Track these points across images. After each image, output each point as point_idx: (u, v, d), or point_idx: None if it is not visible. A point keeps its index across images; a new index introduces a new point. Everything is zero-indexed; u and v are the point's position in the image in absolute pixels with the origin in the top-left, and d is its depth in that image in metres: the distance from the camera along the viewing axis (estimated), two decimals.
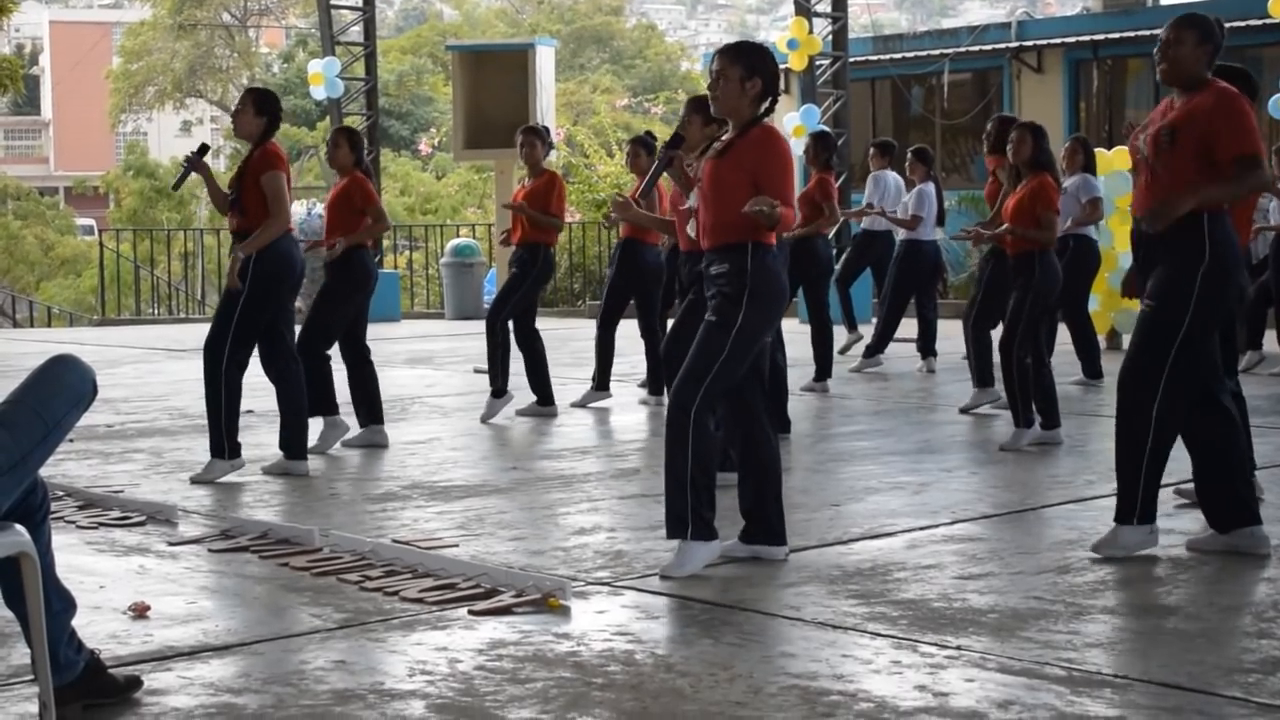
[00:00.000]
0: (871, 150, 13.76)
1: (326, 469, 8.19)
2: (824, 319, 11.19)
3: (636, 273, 10.29)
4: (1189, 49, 5.67)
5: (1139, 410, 5.65)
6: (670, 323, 9.91)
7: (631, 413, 10.25)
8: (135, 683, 4.19)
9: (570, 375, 11.39)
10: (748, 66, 5.58)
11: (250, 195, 7.73)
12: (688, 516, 5.52)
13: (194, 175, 7.99)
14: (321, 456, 8.48)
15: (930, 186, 12.51)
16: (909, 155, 12.92)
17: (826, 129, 13.81)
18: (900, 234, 12.75)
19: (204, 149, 8.03)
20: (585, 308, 20.45)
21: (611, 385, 10.58)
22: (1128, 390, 5.68)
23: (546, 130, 10.32)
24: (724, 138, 5.69)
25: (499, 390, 9.95)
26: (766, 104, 5.64)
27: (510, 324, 9.96)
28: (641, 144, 10.38)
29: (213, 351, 7.73)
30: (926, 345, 12.60)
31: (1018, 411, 8.38)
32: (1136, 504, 5.68)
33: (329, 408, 8.69)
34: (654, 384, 10.39)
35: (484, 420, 9.83)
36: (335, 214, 8.83)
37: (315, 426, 8.42)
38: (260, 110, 7.86)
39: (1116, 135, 22.44)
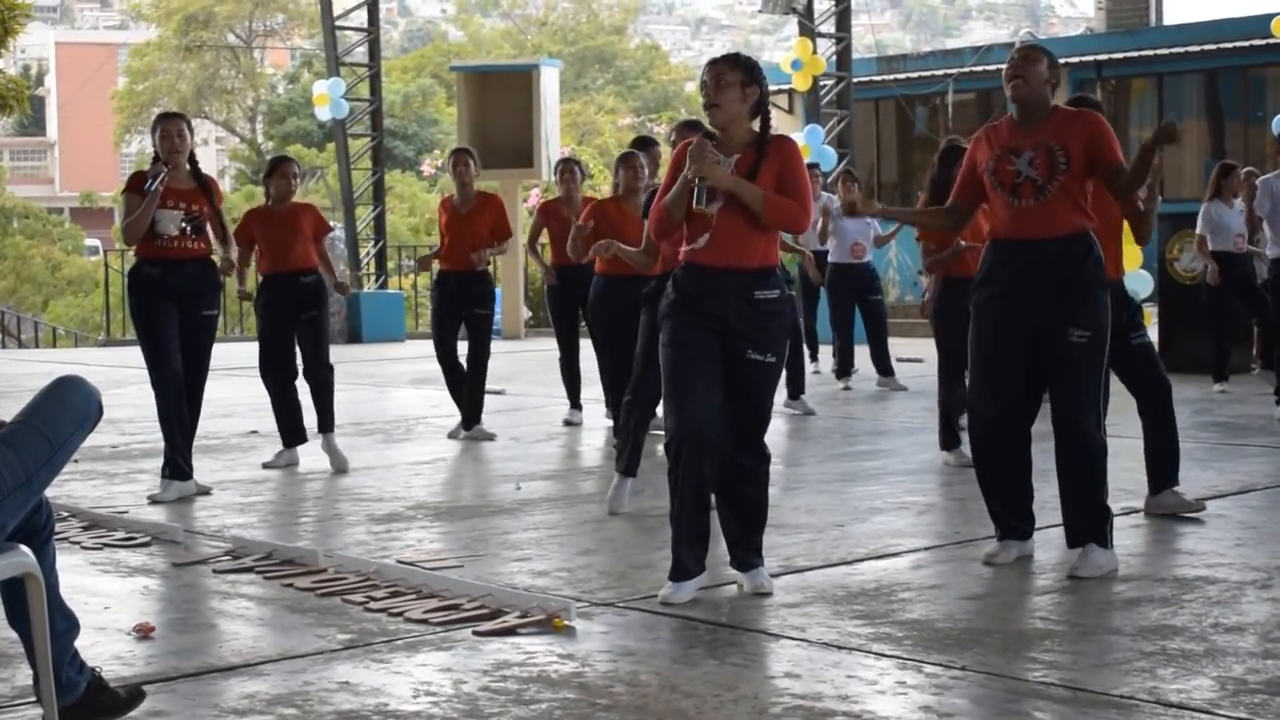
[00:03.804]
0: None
1: (331, 490, 8.20)
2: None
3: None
4: (1043, 70, 5.96)
5: (1092, 437, 5.84)
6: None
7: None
8: (138, 695, 4.19)
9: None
10: (747, 75, 5.54)
11: (214, 221, 7.97)
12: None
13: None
14: (325, 478, 8.51)
15: None
16: (843, 177, 13.27)
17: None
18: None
19: (163, 164, 7.81)
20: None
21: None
22: (1079, 421, 5.83)
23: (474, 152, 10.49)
24: (734, 158, 5.52)
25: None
26: (760, 119, 5.63)
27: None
28: (576, 163, 10.69)
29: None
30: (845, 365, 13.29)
31: (954, 433, 8.65)
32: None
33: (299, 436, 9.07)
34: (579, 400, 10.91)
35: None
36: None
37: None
38: (191, 132, 7.99)
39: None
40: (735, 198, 5.44)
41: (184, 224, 7.78)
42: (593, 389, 10.77)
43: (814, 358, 14.20)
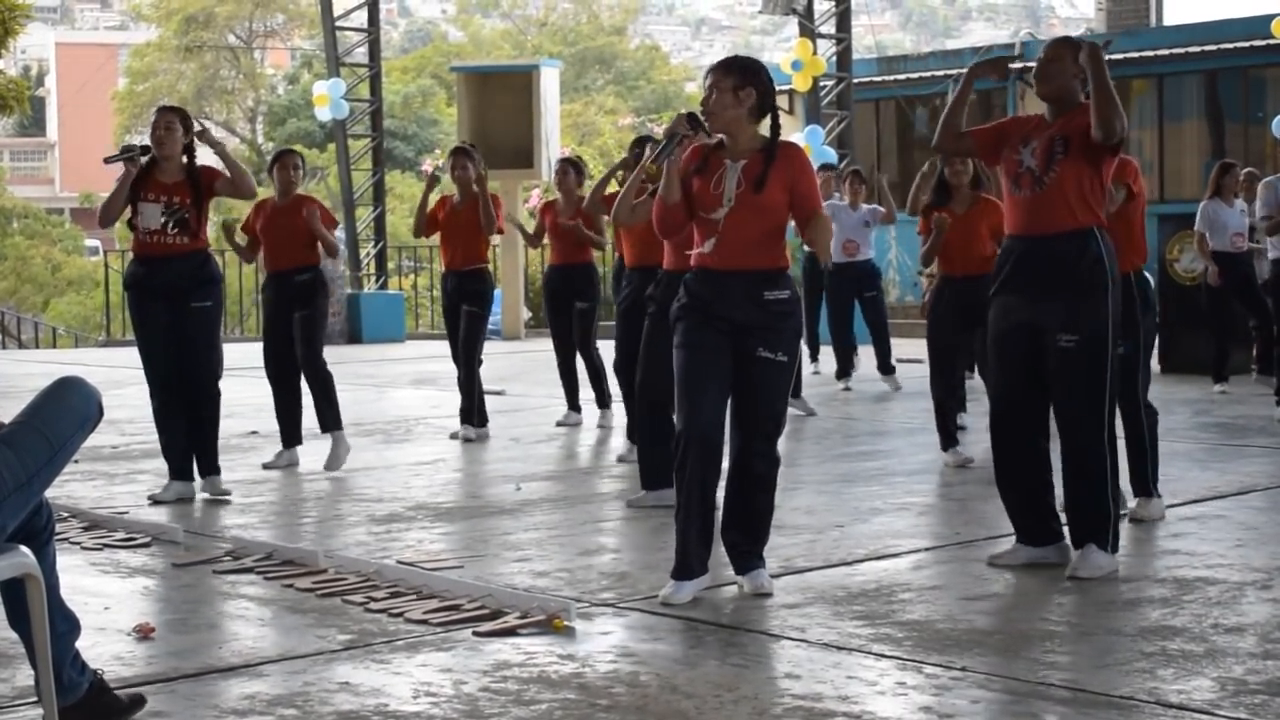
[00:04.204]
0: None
1: (331, 490, 8.20)
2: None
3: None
4: (1067, 66, 5.86)
5: (1089, 441, 5.80)
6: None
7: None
8: (139, 701, 4.19)
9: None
10: (740, 77, 5.51)
11: (207, 215, 7.80)
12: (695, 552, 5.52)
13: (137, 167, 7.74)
14: (325, 478, 8.51)
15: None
16: (850, 176, 13.16)
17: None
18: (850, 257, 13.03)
19: (148, 150, 7.77)
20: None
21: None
22: (1076, 424, 5.82)
23: (475, 146, 10.46)
24: (740, 163, 5.49)
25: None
26: (769, 120, 5.61)
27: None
28: (571, 164, 10.65)
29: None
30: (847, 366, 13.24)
31: (949, 434, 8.68)
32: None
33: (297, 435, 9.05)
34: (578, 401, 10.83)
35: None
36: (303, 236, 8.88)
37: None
38: (187, 128, 7.79)
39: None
40: (747, 207, 5.44)
41: (164, 217, 7.68)
42: (587, 390, 10.78)
43: (814, 358, 14.21)
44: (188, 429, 7.82)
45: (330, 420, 8.85)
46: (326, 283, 9.01)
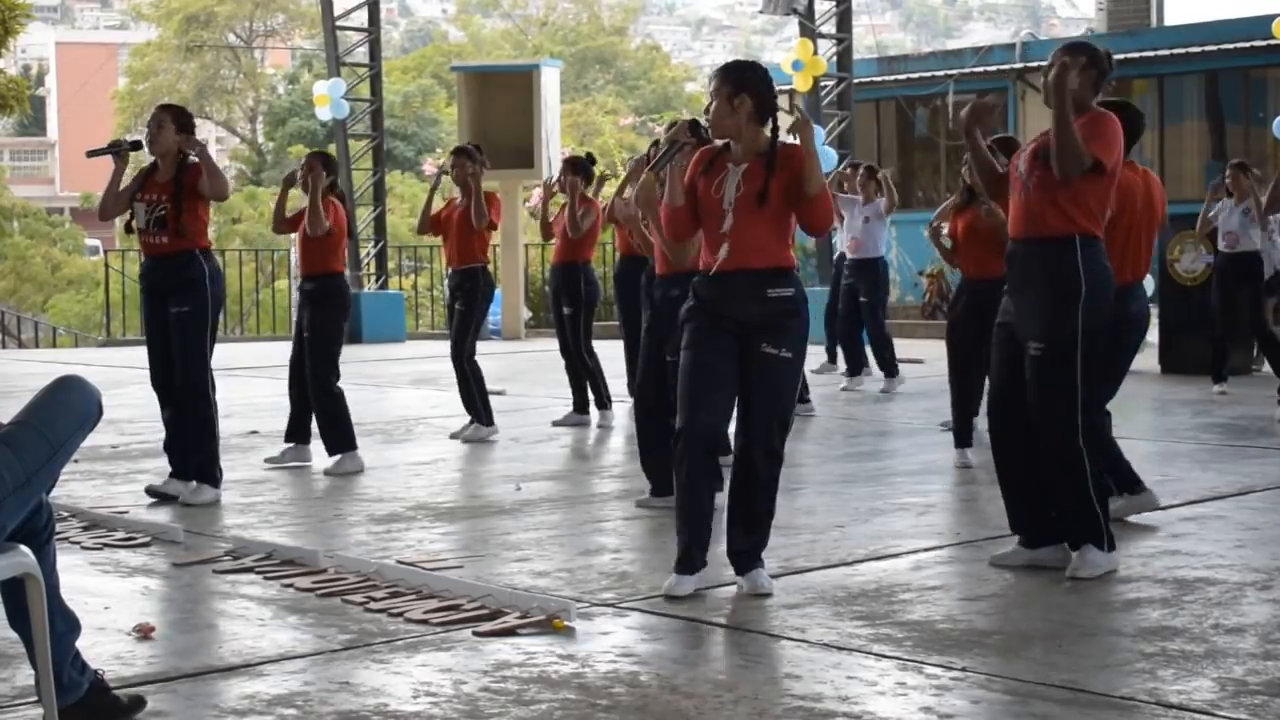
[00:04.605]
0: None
1: (331, 490, 8.20)
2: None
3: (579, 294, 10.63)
4: (1073, 74, 5.80)
5: (1064, 444, 5.76)
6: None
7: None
8: (139, 703, 4.19)
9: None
10: (735, 84, 5.52)
11: (192, 215, 7.62)
12: (689, 549, 5.53)
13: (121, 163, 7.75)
14: (324, 478, 8.51)
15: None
16: (862, 172, 13.03)
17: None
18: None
19: (136, 145, 7.80)
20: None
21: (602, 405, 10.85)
22: (1047, 427, 5.78)
23: (479, 148, 10.42)
24: (742, 167, 5.50)
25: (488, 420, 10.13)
26: (770, 124, 5.60)
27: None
28: (568, 164, 10.65)
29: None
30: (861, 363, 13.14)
31: (963, 434, 8.65)
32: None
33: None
34: (585, 401, 10.78)
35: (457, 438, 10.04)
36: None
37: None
38: (182, 126, 7.70)
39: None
40: (749, 213, 5.45)
41: (148, 217, 7.66)
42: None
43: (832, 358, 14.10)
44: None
45: (335, 443, 8.69)
46: (338, 297, 8.79)
